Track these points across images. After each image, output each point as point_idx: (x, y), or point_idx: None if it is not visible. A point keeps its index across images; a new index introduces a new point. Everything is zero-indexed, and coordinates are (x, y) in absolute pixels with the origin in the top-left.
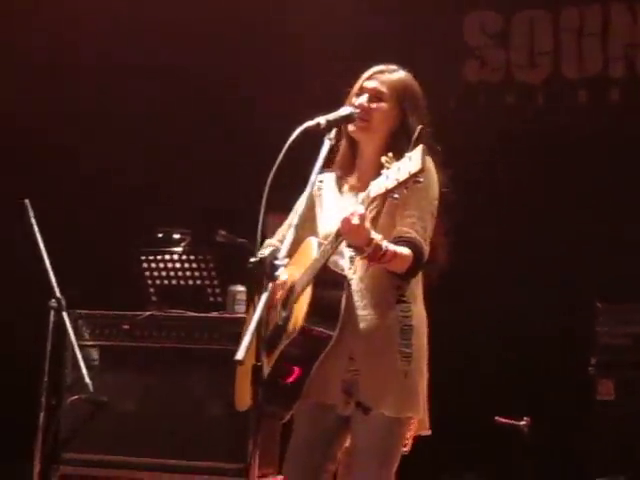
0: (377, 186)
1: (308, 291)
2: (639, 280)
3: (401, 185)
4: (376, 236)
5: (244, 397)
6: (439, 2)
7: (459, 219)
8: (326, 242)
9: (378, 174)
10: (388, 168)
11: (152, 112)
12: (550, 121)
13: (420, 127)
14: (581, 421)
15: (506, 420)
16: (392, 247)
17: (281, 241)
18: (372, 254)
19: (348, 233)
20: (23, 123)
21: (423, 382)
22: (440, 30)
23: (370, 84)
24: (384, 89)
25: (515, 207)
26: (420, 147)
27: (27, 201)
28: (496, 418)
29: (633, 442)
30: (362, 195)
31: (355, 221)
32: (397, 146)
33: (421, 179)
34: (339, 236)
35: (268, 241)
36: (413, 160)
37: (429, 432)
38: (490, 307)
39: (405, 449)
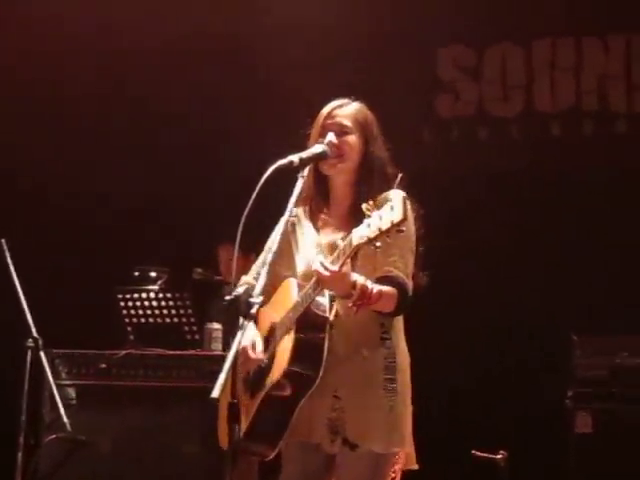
0: (359, 234)
1: (291, 335)
2: (614, 312)
3: (383, 234)
4: (359, 278)
5: (225, 435)
6: (411, 36)
7: (436, 255)
8: (307, 286)
9: (351, 207)
10: (369, 216)
11: (129, 151)
12: (524, 154)
13: (400, 175)
14: (559, 454)
15: (483, 454)
16: (377, 287)
17: (256, 278)
18: (360, 297)
19: (329, 284)
20: None
21: (408, 416)
22: (413, 64)
23: (332, 120)
24: (347, 122)
25: (489, 241)
26: (401, 196)
27: (3, 240)
28: (473, 452)
29: (612, 475)
30: (341, 243)
31: (326, 273)
32: (363, 176)
33: (403, 228)
34: (319, 284)
35: (244, 278)
36: (395, 210)
37: (416, 466)
38: (467, 340)
39: None
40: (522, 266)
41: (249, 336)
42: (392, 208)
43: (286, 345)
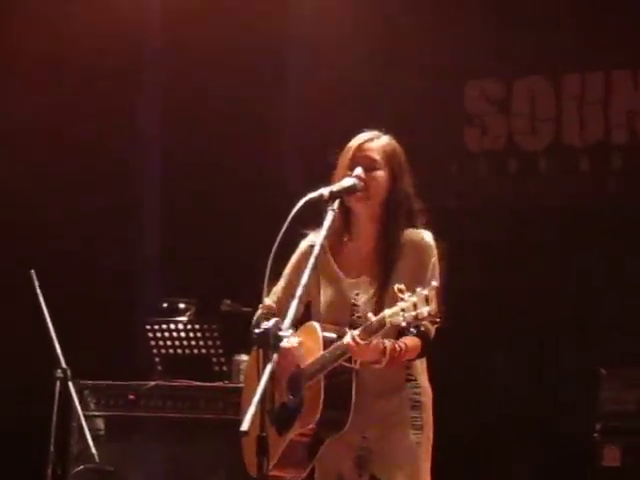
0: (393, 318)
1: (321, 385)
2: None
3: (416, 321)
4: (387, 343)
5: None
6: (440, 69)
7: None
8: (336, 346)
9: (375, 248)
10: (402, 299)
11: (158, 182)
12: (552, 188)
13: (435, 285)
14: None
15: None
16: (402, 343)
17: (275, 302)
18: (391, 360)
19: (359, 356)
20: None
21: (430, 454)
22: (441, 97)
23: (362, 154)
24: (377, 156)
25: (516, 274)
26: (434, 290)
27: (33, 271)
28: None
29: None
30: (373, 318)
31: (356, 349)
32: (389, 213)
33: (438, 319)
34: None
35: (265, 301)
36: (431, 304)
37: None
38: (494, 373)
39: None
40: (548, 299)
41: (292, 340)
42: (427, 301)
43: (315, 393)
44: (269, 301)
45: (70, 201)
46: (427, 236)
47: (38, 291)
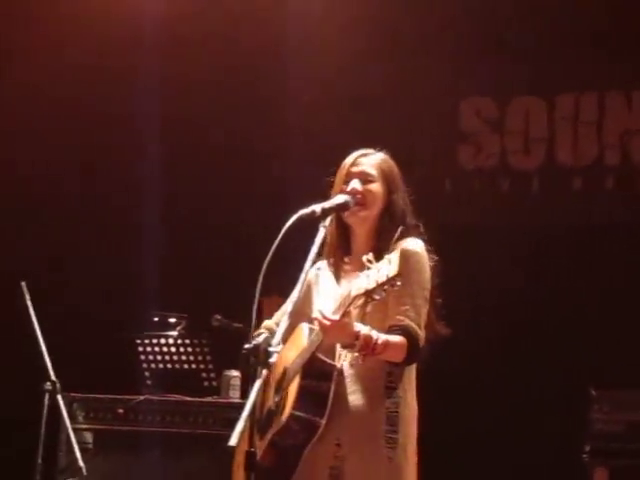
0: (357, 286)
1: (296, 380)
2: (633, 366)
3: (379, 287)
4: (362, 328)
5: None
6: (435, 87)
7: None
8: (313, 333)
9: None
10: (369, 268)
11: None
12: (544, 208)
13: (401, 228)
14: None
15: None
16: (383, 337)
17: (277, 324)
18: (364, 347)
19: (330, 333)
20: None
21: (409, 469)
22: (436, 115)
23: (357, 169)
24: (372, 171)
25: (507, 294)
26: (399, 250)
27: (23, 283)
28: None
29: None
30: (343, 294)
31: (326, 322)
32: (385, 226)
33: (398, 282)
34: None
35: (266, 323)
36: (392, 264)
37: None
38: (482, 393)
39: None
40: (540, 319)
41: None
42: (389, 262)
43: (292, 390)
44: (271, 323)
45: (64, 212)
46: (416, 244)
47: (29, 303)
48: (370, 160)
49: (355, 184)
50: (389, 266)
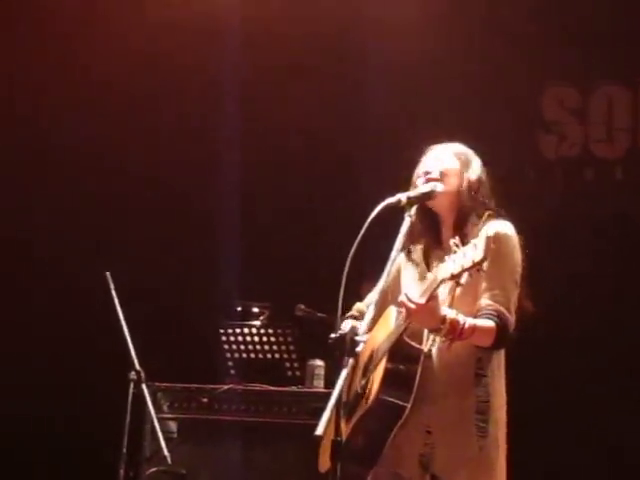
0: (444, 270)
1: (382, 364)
2: None
3: (464, 271)
4: (449, 312)
5: (326, 461)
6: (518, 77)
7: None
8: (399, 317)
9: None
10: (455, 252)
11: (237, 187)
12: (628, 196)
13: (488, 212)
14: None
15: None
16: (471, 321)
17: (368, 306)
18: (450, 330)
19: (416, 317)
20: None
21: (500, 457)
22: (519, 104)
23: (433, 154)
24: (447, 154)
25: (588, 284)
26: (488, 233)
27: (108, 273)
28: None
29: None
30: (430, 277)
31: (412, 306)
32: (469, 209)
33: (484, 267)
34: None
35: (357, 305)
36: (478, 249)
37: None
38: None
39: None
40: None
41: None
42: (475, 246)
43: (378, 373)
44: (362, 305)
45: (148, 209)
46: (505, 226)
47: (113, 293)
48: (448, 150)
49: (430, 166)
50: (475, 251)
